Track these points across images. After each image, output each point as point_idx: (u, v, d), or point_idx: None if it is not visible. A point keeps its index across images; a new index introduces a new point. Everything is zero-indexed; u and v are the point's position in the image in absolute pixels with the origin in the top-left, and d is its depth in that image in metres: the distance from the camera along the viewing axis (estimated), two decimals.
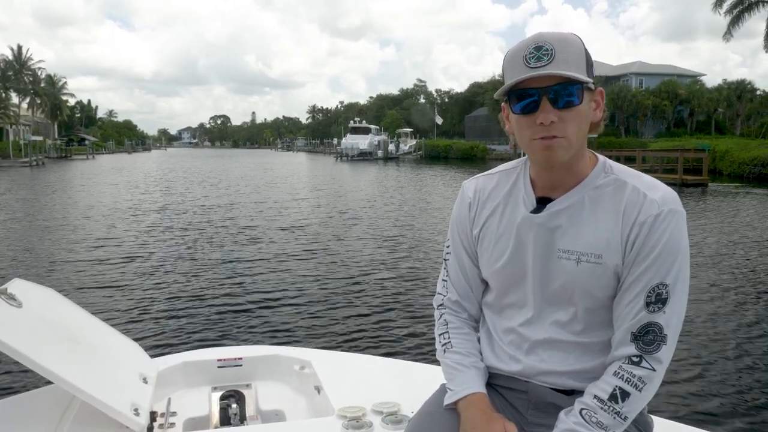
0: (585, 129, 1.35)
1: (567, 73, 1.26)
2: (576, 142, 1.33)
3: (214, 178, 32.76)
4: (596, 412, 1.32)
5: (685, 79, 60.30)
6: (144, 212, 16.86)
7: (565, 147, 1.32)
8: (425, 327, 6.20)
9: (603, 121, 1.41)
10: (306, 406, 2.35)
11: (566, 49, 1.29)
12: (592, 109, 1.36)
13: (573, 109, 1.30)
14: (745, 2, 39.96)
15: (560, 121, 1.30)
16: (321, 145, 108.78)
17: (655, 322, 1.32)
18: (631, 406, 1.32)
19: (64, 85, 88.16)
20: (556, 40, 1.30)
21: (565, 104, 1.30)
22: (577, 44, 1.31)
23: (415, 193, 23.59)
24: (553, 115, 1.29)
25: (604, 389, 1.34)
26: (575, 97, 1.30)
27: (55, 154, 65.62)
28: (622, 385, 1.32)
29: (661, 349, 1.33)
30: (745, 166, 30.64)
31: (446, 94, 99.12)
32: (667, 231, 1.31)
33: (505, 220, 1.48)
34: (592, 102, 1.36)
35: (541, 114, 1.30)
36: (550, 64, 1.27)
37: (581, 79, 1.28)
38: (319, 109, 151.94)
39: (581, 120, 1.33)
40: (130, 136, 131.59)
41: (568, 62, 1.28)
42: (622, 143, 44.60)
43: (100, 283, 8.40)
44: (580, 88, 1.30)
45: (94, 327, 2.42)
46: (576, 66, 1.29)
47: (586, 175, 1.40)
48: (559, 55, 1.28)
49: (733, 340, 6.02)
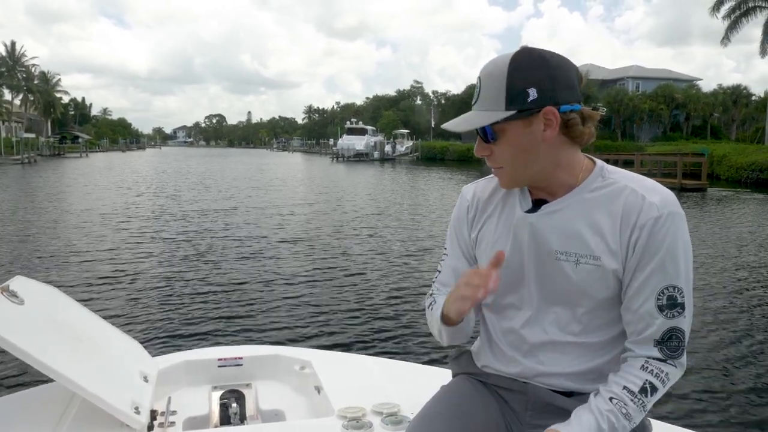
0: (531, 154, 1.36)
1: (465, 125, 1.37)
2: (519, 168, 1.38)
3: (209, 179, 32.68)
4: (626, 404, 1.31)
5: (682, 83, 60.42)
6: (145, 212, 16.70)
7: (509, 175, 1.40)
8: (425, 328, 5.96)
9: (589, 130, 1.38)
10: (306, 406, 2.35)
11: (488, 86, 1.34)
12: (539, 130, 1.33)
13: (500, 142, 1.36)
14: (743, 7, 40.02)
15: (494, 153, 1.38)
16: (317, 146, 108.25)
17: (678, 327, 1.32)
18: (653, 401, 1.34)
19: (58, 82, 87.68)
20: (486, 74, 1.36)
21: (490, 139, 1.37)
22: (499, 76, 1.32)
23: (414, 196, 23.48)
24: (483, 150, 1.41)
25: (635, 382, 1.33)
26: (492, 133, 1.36)
27: (48, 152, 65.22)
28: (652, 380, 1.32)
29: (684, 353, 1.35)
30: (743, 171, 30.53)
31: (443, 96, 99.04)
32: (669, 233, 1.30)
33: (502, 222, 1.49)
34: (536, 125, 1.33)
35: (476, 148, 1.42)
36: (475, 104, 1.37)
37: (473, 126, 1.36)
38: (315, 110, 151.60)
39: (515, 149, 1.36)
40: (125, 134, 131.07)
41: (486, 100, 1.34)
42: (618, 147, 44.53)
43: (102, 281, 8.37)
44: (498, 123, 1.33)
45: (95, 325, 2.42)
46: (493, 103, 1.33)
47: (579, 181, 1.40)
48: (482, 93, 1.36)
49: (731, 345, 6.00)
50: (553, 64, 1.33)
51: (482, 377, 1.60)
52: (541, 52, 1.34)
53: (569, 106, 1.33)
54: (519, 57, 1.32)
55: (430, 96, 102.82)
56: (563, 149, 1.38)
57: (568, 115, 1.34)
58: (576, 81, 1.36)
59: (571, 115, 1.34)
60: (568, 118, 1.34)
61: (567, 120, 1.34)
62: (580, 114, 1.36)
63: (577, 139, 1.37)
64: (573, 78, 1.35)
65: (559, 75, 1.32)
